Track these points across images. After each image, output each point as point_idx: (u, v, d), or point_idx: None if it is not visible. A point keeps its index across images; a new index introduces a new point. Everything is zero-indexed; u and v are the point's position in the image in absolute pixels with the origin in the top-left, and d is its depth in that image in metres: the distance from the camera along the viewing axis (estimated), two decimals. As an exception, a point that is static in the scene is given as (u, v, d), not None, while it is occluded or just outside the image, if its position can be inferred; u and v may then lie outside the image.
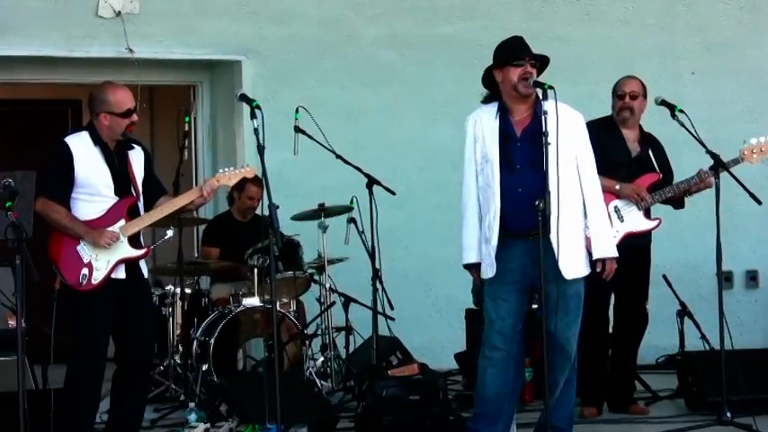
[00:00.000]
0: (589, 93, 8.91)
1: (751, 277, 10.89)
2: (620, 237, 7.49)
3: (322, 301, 9.08)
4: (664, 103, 7.48)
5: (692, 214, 9.08)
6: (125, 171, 6.61)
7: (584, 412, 7.72)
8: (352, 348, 9.11)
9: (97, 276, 6.43)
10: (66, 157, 6.45)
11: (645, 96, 7.88)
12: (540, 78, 6.27)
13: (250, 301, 8.61)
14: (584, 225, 6.32)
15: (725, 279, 8.88)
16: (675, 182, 7.73)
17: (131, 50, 9.76)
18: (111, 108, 6.53)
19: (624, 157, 7.74)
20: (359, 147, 9.56)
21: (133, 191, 6.62)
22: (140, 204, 6.67)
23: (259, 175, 6.49)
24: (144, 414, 6.94)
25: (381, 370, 8.04)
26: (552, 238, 6.10)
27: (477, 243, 6.39)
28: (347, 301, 9.03)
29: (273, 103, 9.33)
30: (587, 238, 6.32)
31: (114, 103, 6.54)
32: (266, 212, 6.09)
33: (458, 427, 7.17)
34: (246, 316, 8.64)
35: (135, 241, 6.59)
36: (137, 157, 6.71)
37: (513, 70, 6.30)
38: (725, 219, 7.18)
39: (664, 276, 8.91)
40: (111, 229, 6.47)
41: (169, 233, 7.24)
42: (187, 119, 8.93)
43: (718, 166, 7.29)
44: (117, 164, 6.57)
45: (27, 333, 5.93)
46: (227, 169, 6.90)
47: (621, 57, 10.59)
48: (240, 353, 8.66)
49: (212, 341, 8.40)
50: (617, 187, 7.57)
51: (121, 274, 6.53)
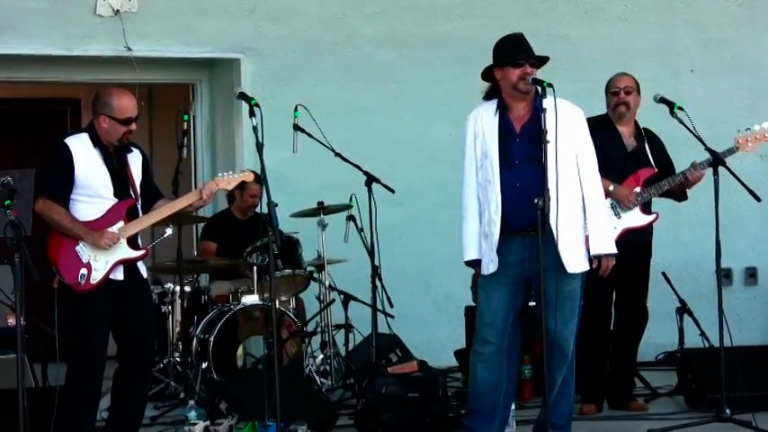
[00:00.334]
0: (588, 90, 8.89)
1: (750, 274, 10.90)
2: (617, 232, 7.48)
3: (321, 298, 9.09)
4: (663, 101, 7.46)
5: (692, 211, 9.10)
6: (124, 173, 6.61)
7: (584, 409, 7.72)
8: (351, 346, 9.12)
9: (96, 277, 6.44)
10: (66, 158, 6.45)
11: (638, 92, 7.89)
12: (540, 76, 6.25)
13: (249, 299, 8.61)
14: (584, 221, 6.32)
15: (724, 276, 8.86)
16: (671, 176, 7.73)
17: (130, 49, 9.76)
18: (112, 112, 6.53)
19: (620, 153, 7.74)
20: (358, 145, 9.56)
21: (132, 193, 6.62)
22: (139, 206, 6.68)
23: (257, 173, 6.50)
24: (144, 412, 6.95)
25: (381, 367, 8.04)
26: (553, 232, 6.09)
27: (478, 240, 6.39)
28: (347, 298, 9.04)
29: (272, 101, 9.30)
30: (586, 234, 6.32)
31: (116, 108, 6.53)
32: (266, 210, 6.09)
33: (457, 425, 7.18)
34: (246, 314, 8.65)
35: (133, 242, 6.59)
36: (135, 160, 6.71)
37: (513, 70, 6.29)
38: (724, 216, 7.18)
39: (663, 273, 8.91)
40: (110, 230, 6.48)
41: (168, 231, 7.23)
42: (186, 117, 8.95)
43: (717, 163, 7.28)
44: (116, 166, 6.57)
45: (26, 331, 5.94)
46: (225, 173, 6.89)
47: (620, 54, 10.59)
48: (240, 350, 8.65)
49: (212, 339, 8.41)
50: (611, 188, 7.55)
51: (120, 275, 6.53)
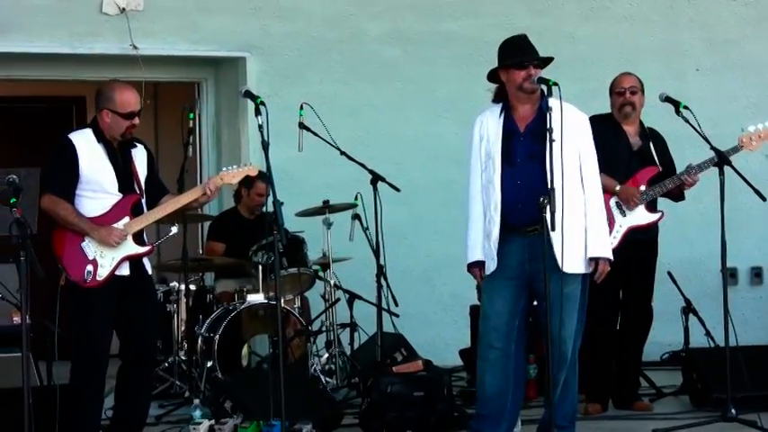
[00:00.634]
0: (593, 89, 8.88)
1: (755, 274, 10.89)
2: (623, 231, 7.50)
3: (326, 297, 9.09)
4: (668, 100, 7.46)
5: (697, 211, 9.11)
6: (128, 168, 6.61)
7: (589, 409, 7.72)
8: (356, 345, 9.12)
9: (102, 273, 6.44)
10: (71, 154, 6.45)
11: (643, 92, 7.89)
12: (544, 75, 6.24)
13: (255, 298, 8.62)
14: (584, 223, 6.30)
15: (729, 276, 8.86)
16: (674, 175, 7.73)
17: (135, 47, 9.76)
18: (114, 107, 6.53)
19: (625, 152, 7.74)
20: (362, 144, 9.57)
21: (136, 188, 6.62)
22: (143, 202, 6.69)
23: (263, 171, 6.50)
24: (149, 410, 6.95)
25: (386, 367, 8.03)
26: (551, 231, 6.04)
27: (482, 242, 6.36)
28: (352, 297, 9.02)
29: (278, 99, 9.32)
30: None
31: (118, 103, 6.53)
32: (271, 209, 6.09)
33: (462, 424, 7.18)
34: (251, 312, 8.65)
35: (139, 238, 6.60)
36: (139, 156, 6.71)
37: (518, 72, 6.28)
38: (729, 215, 7.17)
39: (669, 273, 8.89)
40: (116, 226, 6.48)
41: (173, 230, 7.23)
42: (191, 116, 8.94)
43: (722, 162, 7.28)
44: (120, 161, 6.58)
45: (32, 329, 5.93)
46: (230, 167, 6.90)
47: (625, 53, 10.59)
48: (245, 349, 8.65)
49: (217, 338, 8.41)
50: (617, 188, 7.57)
51: (125, 270, 6.54)
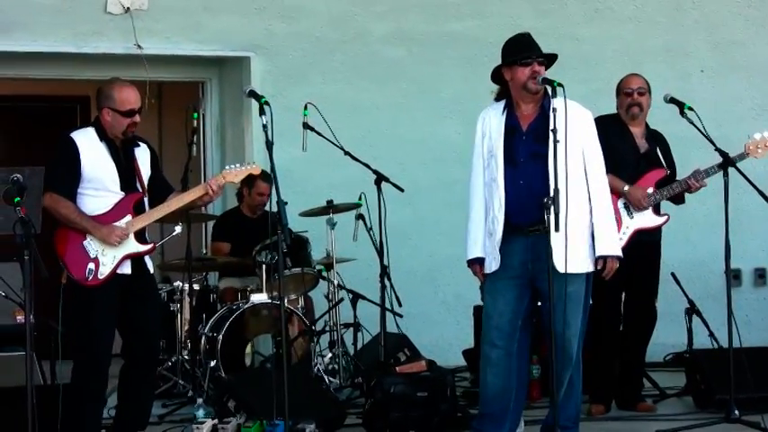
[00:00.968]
0: (598, 90, 8.88)
1: (759, 275, 10.89)
2: (630, 233, 7.50)
3: (330, 297, 9.08)
4: (673, 101, 7.46)
5: (701, 212, 9.10)
6: (131, 167, 6.62)
7: (593, 410, 7.71)
8: (360, 345, 9.11)
9: (103, 271, 6.45)
10: (73, 153, 6.47)
11: (650, 93, 7.89)
12: (549, 75, 6.23)
13: (258, 298, 8.61)
14: (590, 222, 6.29)
15: (733, 277, 8.85)
16: (681, 178, 7.73)
17: (140, 47, 9.76)
18: (114, 105, 6.54)
19: (632, 154, 7.74)
20: (366, 144, 9.57)
21: (139, 187, 6.63)
22: (146, 200, 6.69)
23: (266, 171, 6.49)
24: (152, 409, 6.96)
25: (389, 367, 8.03)
26: (553, 231, 5.99)
27: (482, 238, 6.37)
28: (355, 297, 9.02)
29: (282, 99, 9.33)
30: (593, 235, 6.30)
31: (118, 101, 6.54)
32: (275, 209, 6.09)
33: (465, 424, 7.17)
34: (255, 312, 8.65)
35: (141, 237, 6.61)
36: (142, 155, 6.72)
37: (522, 69, 6.28)
38: (733, 217, 7.17)
39: (672, 274, 8.89)
40: (118, 224, 6.48)
41: (177, 229, 7.24)
42: (195, 115, 8.95)
43: (727, 164, 7.27)
44: (123, 160, 6.59)
45: (35, 328, 5.93)
46: (233, 166, 6.89)
47: (630, 54, 10.59)
48: (248, 349, 8.65)
49: (220, 337, 8.40)
50: (625, 189, 7.57)
51: (127, 269, 6.55)
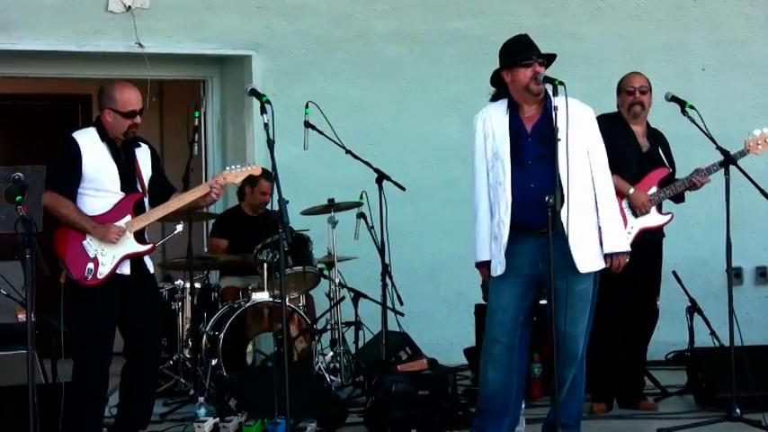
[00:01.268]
0: (599, 88, 8.88)
1: (760, 273, 10.88)
2: (635, 232, 7.50)
3: (331, 296, 9.08)
4: (674, 100, 7.45)
5: (702, 211, 9.09)
6: (131, 167, 6.63)
7: (594, 408, 7.72)
8: (361, 343, 9.11)
9: (102, 271, 6.45)
10: (74, 152, 6.47)
11: (651, 92, 7.88)
12: (550, 74, 6.21)
13: (259, 296, 8.61)
14: (597, 220, 6.30)
15: (734, 275, 8.86)
16: (683, 177, 7.73)
17: (141, 45, 9.76)
18: (115, 106, 6.55)
19: (635, 153, 7.74)
20: (368, 142, 9.57)
21: (139, 187, 6.64)
22: (146, 201, 6.70)
23: (267, 169, 6.49)
24: (153, 408, 6.96)
25: (390, 365, 8.04)
26: (565, 231, 6.08)
27: (489, 241, 6.34)
28: (356, 296, 9.02)
29: (283, 98, 9.33)
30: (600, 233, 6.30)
31: (119, 102, 6.55)
32: (276, 207, 6.09)
33: (467, 423, 7.17)
34: (256, 311, 8.65)
35: (140, 237, 6.61)
36: (143, 155, 6.73)
37: (523, 71, 6.25)
38: (734, 215, 7.17)
39: (673, 273, 8.88)
40: (117, 224, 6.48)
41: (178, 228, 7.24)
42: (197, 114, 8.94)
43: (728, 162, 7.27)
44: (123, 160, 6.59)
45: (36, 327, 5.93)
46: (234, 167, 6.89)
47: (632, 53, 10.59)
48: (249, 347, 8.65)
49: (222, 336, 8.41)
50: (630, 191, 7.57)
51: (126, 269, 6.55)
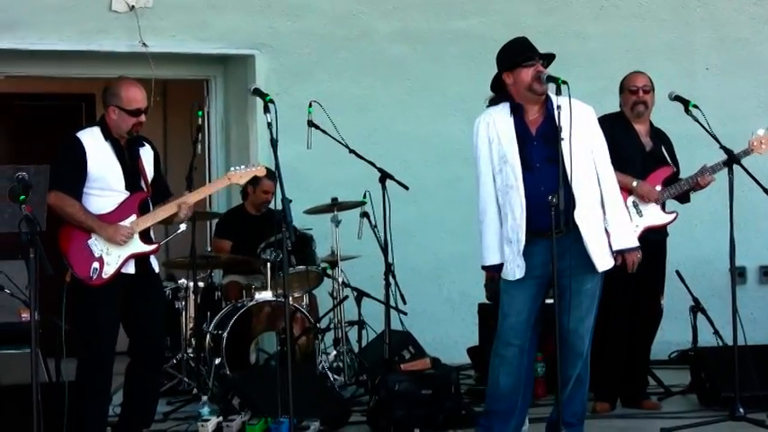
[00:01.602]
0: (603, 88, 8.88)
1: (764, 273, 10.87)
2: (639, 231, 7.49)
3: (334, 295, 9.08)
4: (677, 99, 7.45)
5: (705, 210, 9.09)
6: (135, 166, 6.62)
7: (597, 407, 7.72)
8: (364, 343, 9.10)
9: (108, 271, 6.45)
10: (79, 152, 6.47)
11: (654, 91, 7.88)
12: (554, 74, 6.21)
13: (263, 295, 8.62)
14: (603, 218, 6.31)
15: (738, 275, 8.86)
16: (687, 176, 7.73)
17: (145, 45, 9.77)
18: (120, 103, 6.54)
19: (638, 152, 7.74)
20: (371, 141, 9.57)
21: (144, 186, 6.63)
22: (150, 200, 6.69)
23: (271, 169, 6.49)
24: (157, 407, 6.96)
25: (394, 364, 8.04)
26: (581, 232, 6.11)
27: (499, 245, 6.31)
28: (360, 295, 9.01)
29: (286, 97, 9.32)
30: (607, 231, 6.30)
31: (125, 99, 6.55)
32: (279, 206, 6.09)
33: (470, 422, 7.17)
34: (259, 310, 8.66)
35: (146, 236, 6.61)
36: (146, 155, 6.73)
37: (525, 71, 6.24)
38: (738, 214, 7.16)
39: (677, 272, 8.89)
40: (123, 224, 6.49)
41: (182, 227, 7.23)
42: (200, 113, 8.95)
43: (732, 161, 7.26)
44: (128, 159, 6.59)
45: (40, 326, 5.94)
46: (238, 168, 6.89)
47: (635, 52, 10.59)
48: (253, 347, 8.66)
49: (225, 335, 8.42)
50: (634, 184, 7.57)
51: (131, 268, 6.55)
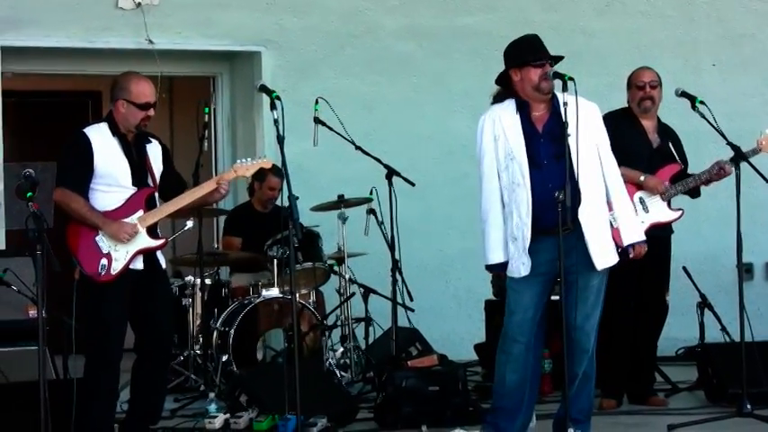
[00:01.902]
0: (609, 84, 8.88)
1: (771, 269, 10.88)
2: (645, 227, 7.47)
3: (341, 292, 9.08)
4: (684, 95, 7.44)
5: (712, 206, 9.07)
6: (143, 162, 6.62)
7: (604, 404, 7.71)
8: (371, 339, 9.11)
9: (116, 267, 6.44)
10: (85, 147, 6.46)
11: (661, 86, 7.87)
12: (560, 70, 6.21)
13: (270, 292, 8.62)
14: (610, 214, 6.31)
15: (745, 271, 8.85)
16: (696, 173, 7.72)
17: (151, 42, 9.78)
18: (129, 97, 6.54)
19: (645, 149, 7.73)
20: (377, 138, 9.57)
21: (150, 182, 6.63)
22: (157, 196, 6.70)
23: (277, 165, 6.49)
24: (164, 404, 6.97)
25: (401, 361, 8.05)
26: (584, 229, 6.11)
27: (503, 242, 6.30)
28: (367, 292, 9.02)
29: (293, 94, 9.32)
30: (613, 228, 6.30)
31: (134, 93, 6.54)
32: (286, 203, 6.09)
33: (477, 419, 7.17)
34: (266, 307, 8.66)
35: (153, 232, 6.60)
36: (154, 151, 6.71)
37: (534, 71, 6.24)
38: (745, 211, 7.13)
39: (684, 268, 8.88)
40: (128, 220, 6.48)
41: (189, 224, 7.25)
42: (207, 110, 8.95)
43: (739, 157, 7.25)
44: (135, 155, 6.59)
45: (48, 323, 5.95)
46: (244, 160, 6.88)
47: (641, 48, 10.57)
48: (260, 343, 8.66)
49: (232, 332, 8.42)
50: (641, 178, 7.57)
51: (139, 264, 6.54)
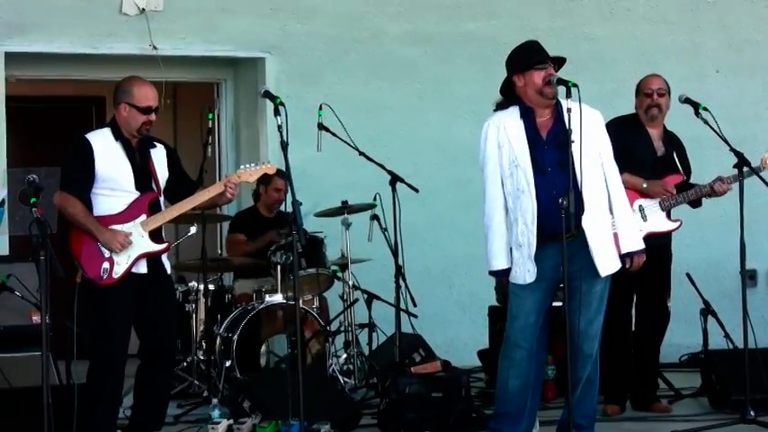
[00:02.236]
0: (612, 90, 8.88)
1: (775, 275, 10.87)
2: (642, 236, 7.45)
3: (345, 298, 9.08)
4: (688, 101, 7.44)
5: (716, 213, 9.07)
6: (146, 167, 6.63)
7: (607, 410, 7.71)
8: (374, 345, 9.11)
9: (118, 271, 6.45)
10: (87, 153, 6.48)
11: (669, 94, 7.87)
12: (564, 76, 6.22)
13: (273, 298, 8.62)
14: (611, 221, 6.31)
15: (748, 277, 8.83)
16: (699, 184, 7.72)
17: (155, 47, 9.78)
18: (132, 100, 6.55)
19: (650, 156, 7.73)
20: (381, 144, 9.58)
21: (154, 187, 6.64)
22: (161, 200, 6.71)
23: (281, 169, 6.49)
24: (167, 409, 6.96)
25: (404, 367, 8.03)
26: (587, 235, 6.12)
27: (506, 249, 6.31)
28: (370, 298, 9.02)
29: (297, 100, 9.30)
30: (614, 234, 6.31)
31: (137, 96, 6.56)
32: (290, 209, 6.10)
33: (481, 425, 7.17)
34: (269, 312, 8.66)
35: (156, 236, 6.61)
36: (158, 155, 6.72)
37: (537, 74, 6.24)
38: (748, 217, 7.16)
39: (687, 275, 8.87)
40: (131, 224, 6.49)
41: (192, 230, 7.25)
42: (210, 116, 8.97)
43: (742, 164, 7.26)
44: (138, 159, 6.60)
45: (51, 329, 5.95)
46: (248, 165, 6.89)
47: (645, 55, 10.58)
48: (263, 349, 8.66)
49: (235, 337, 8.41)
50: (644, 185, 7.57)
51: (143, 268, 6.55)
